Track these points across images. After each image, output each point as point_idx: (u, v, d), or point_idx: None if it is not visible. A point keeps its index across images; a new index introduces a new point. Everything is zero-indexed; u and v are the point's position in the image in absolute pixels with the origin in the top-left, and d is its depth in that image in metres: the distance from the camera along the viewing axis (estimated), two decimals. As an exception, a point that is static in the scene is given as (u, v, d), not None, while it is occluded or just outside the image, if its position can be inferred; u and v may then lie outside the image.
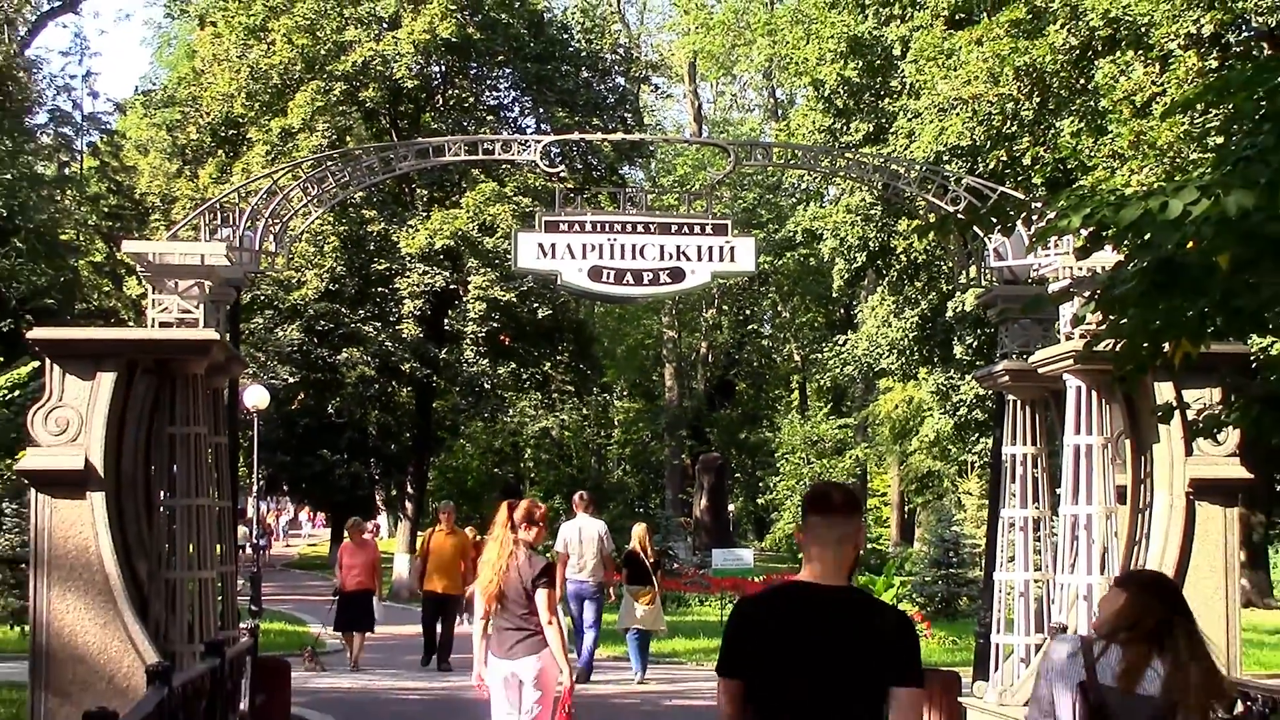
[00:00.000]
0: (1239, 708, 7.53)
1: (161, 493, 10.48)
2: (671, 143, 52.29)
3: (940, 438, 42.96)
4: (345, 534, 22.31)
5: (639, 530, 20.07)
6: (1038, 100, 24.71)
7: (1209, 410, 9.30)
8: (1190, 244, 6.11)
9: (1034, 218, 10.90)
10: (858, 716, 4.93)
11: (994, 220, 9.39)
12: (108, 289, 46.41)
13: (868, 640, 4.95)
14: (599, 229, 11.77)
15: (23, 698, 10.87)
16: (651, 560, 19.43)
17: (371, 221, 36.54)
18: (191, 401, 10.47)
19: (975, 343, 31.19)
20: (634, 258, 11.70)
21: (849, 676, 4.91)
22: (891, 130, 28.45)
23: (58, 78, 50.34)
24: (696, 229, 11.84)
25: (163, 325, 10.67)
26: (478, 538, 24.82)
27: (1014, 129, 25.02)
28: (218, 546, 11.06)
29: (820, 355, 52.12)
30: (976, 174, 21.31)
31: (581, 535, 18.38)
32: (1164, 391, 10.16)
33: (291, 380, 37.29)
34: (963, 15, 26.82)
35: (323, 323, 37.16)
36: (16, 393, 30.53)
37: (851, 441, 52.61)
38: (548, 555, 15.18)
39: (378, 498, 46.61)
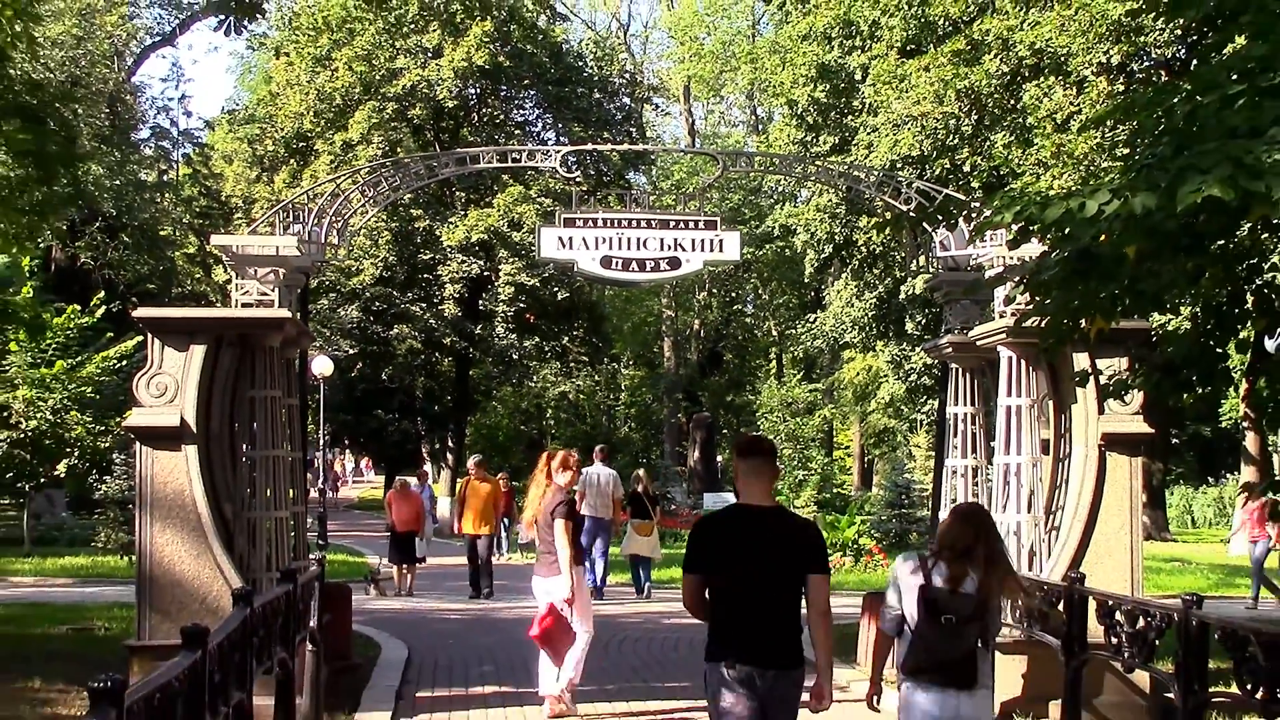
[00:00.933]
0: (1140, 622, 7.52)
1: (244, 445, 10.47)
2: (669, 153, 52.03)
3: (894, 400, 42.95)
4: (395, 486, 22.80)
5: (641, 474, 21.79)
6: (975, 117, 24.64)
7: (1118, 376, 9.29)
8: (1103, 238, 6.10)
9: (973, 215, 10.87)
10: (786, 594, 5.78)
11: (939, 217, 9.38)
12: (199, 276, 46.44)
13: (791, 541, 5.82)
14: (609, 225, 11.72)
15: (132, 615, 10.93)
16: (651, 499, 20.44)
17: (418, 219, 36.54)
18: (268, 369, 10.46)
19: (924, 320, 31.17)
20: (638, 249, 11.64)
21: (779, 567, 5.76)
22: (854, 142, 28.34)
23: (158, 100, 50.73)
24: (691, 225, 11.78)
25: (244, 306, 10.65)
26: (510, 484, 24.99)
27: (956, 141, 24.94)
28: (290, 491, 11.06)
29: (794, 331, 52.01)
30: (925, 179, 21.20)
31: (599, 480, 19.16)
32: (1081, 360, 10.15)
33: (351, 352, 37.31)
34: (913, 46, 26.71)
35: (377, 304, 37.22)
36: (124, 362, 30.64)
37: (820, 403, 52.44)
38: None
39: (424, 450, 46.62)
